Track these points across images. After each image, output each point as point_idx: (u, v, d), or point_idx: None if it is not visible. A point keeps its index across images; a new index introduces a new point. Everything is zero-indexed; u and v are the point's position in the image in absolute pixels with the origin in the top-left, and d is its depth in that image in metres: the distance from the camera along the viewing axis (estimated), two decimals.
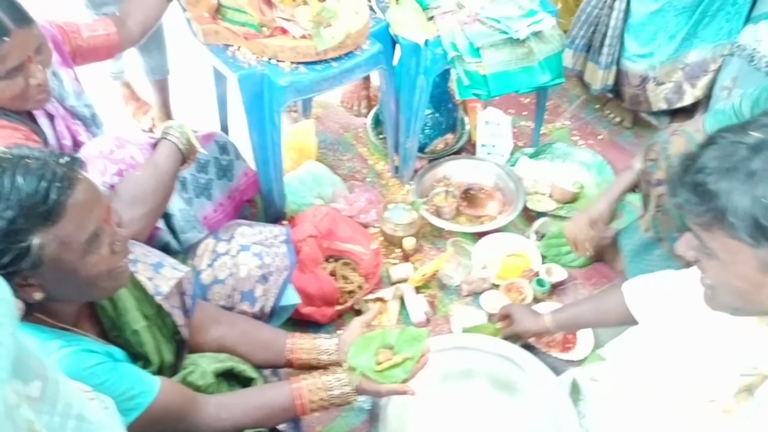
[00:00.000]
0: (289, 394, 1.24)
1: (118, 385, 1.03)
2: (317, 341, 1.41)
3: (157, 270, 1.23)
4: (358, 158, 2.44)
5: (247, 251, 1.59)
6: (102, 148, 1.41)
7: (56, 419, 0.64)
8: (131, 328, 1.15)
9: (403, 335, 1.33)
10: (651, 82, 2.37)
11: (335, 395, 1.27)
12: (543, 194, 2.23)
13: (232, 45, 1.80)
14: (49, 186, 0.90)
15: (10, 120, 1.34)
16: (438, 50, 1.95)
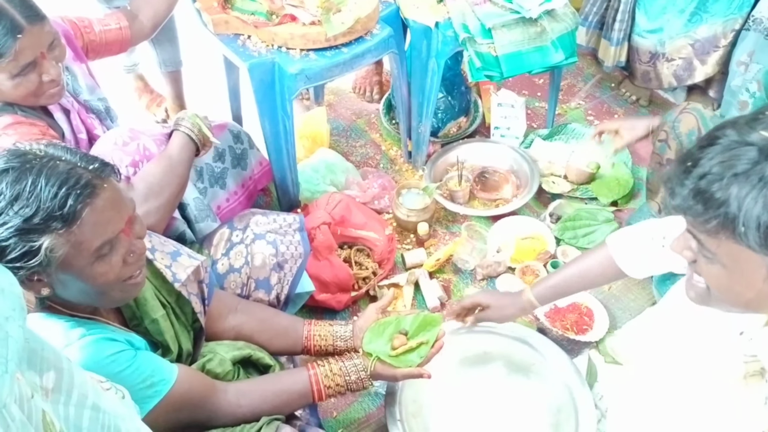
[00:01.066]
0: (306, 381, 1.27)
1: (138, 373, 1.05)
2: (334, 328, 1.43)
3: (174, 258, 1.25)
4: (370, 144, 2.44)
5: (261, 240, 1.60)
6: (116, 139, 1.43)
7: (71, 410, 0.65)
8: (150, 317, 1.17)
9: (418, 320, 1.34)
10: (661, 59, 2.34)
11: (351, 380, 1.29)
12: (558, 176, 2.21)
13: (242, 34, 1.80)
14: (69, 192, 0.91)
15: (27, 116, 1.36)
16: (449, 32, 1.93)
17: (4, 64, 1.25)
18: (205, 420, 1.17)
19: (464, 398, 1.62)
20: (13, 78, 1.29)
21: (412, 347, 1.31)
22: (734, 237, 0.79)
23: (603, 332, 1.76)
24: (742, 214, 0.77)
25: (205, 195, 1.71)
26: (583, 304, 1.83)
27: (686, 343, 1.14)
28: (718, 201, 0.78)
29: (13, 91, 1.31)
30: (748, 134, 0.79)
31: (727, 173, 0.78)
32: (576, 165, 2.17)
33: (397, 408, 1.52)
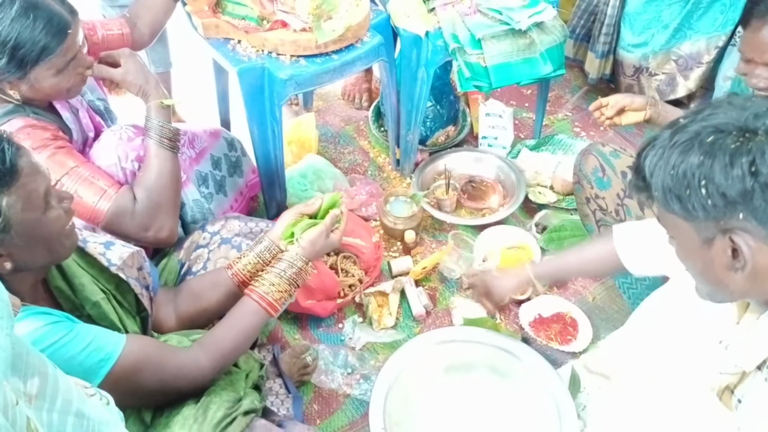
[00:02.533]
0: (253, 303, 1.27)
1: (78, 340, 1.03)
2: (253, 251, 1.40)
3: (107, 247, 1.25)
4: (359, 151, 2.44)
5: (227, 244, 1.57)
6: (121, 135, 1.44)
7: (55, 416, 0.64)
8: (91, 301, 1.16)
9: (324, 205, 1.45)
10: (644, 73, 2.38)
11: (290, 276, 1.31)
12: (544, 186, 2.23)
13: (232, 39, 1.79)
14: (2, 146, 0.95)
15: (39, 118, 1.36)
16: (439, 42, 1.94)
17: (52, 61, 1.27)
18: (172, 380, 1.13)
19: (448, 407, 1.62)
20: (57, 74, 1.30)
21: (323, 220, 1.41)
22: (660, 206, 0.88)
23: (587, 343, 1.78)
24: (653, 181, 0.86)
25: (211, 201, 1.70)
26: (567, 315, 1.84)
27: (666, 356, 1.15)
28: (642, 173, 0.88)
29: (54, 87, 1.32)
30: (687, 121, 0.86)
31: (649, 149, 0.87)
32: (562, 176, 2.19)
33: (381, 416, 1.52)
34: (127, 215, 1.37)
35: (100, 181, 1.36)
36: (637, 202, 1.63)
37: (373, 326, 1.84)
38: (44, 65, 1.27)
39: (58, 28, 1.26)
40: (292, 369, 1.62)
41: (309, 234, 1.37)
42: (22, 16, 1.22)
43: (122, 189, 1.38)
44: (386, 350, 1.78)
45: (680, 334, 1.13)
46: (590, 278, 1.79)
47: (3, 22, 1.22)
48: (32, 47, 1.24)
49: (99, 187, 1.35)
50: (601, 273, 1.53)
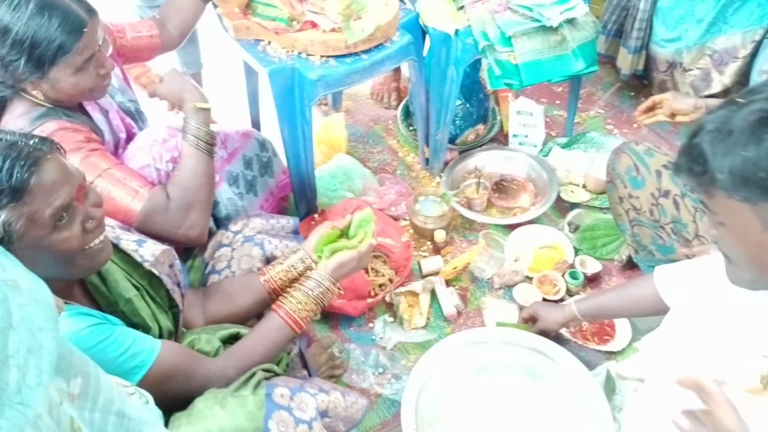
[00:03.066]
0: (279, 320, 1.31)
1: (118, 343, 1.05)
2: (287, 261, 1.44)
3: (139, 244, 1.26)
4: (388, 150, 2.44)
5: (250, 242, 1.58)
6: (156, 136, 1.46)
7: (96, 415, 0.65)
8: (124, 297, 1.18)
9: (354, 221, 1.47)
10: (678, 68, 2.33)
11: (317, 294, 1.35)
12: (577, 185, 2.19)
13: (262, 40, 1.81)
14: (13, 164, 0.93)
15: (71, 120, 1.38)
16: (468, 40, 1.93)
17: (70, 60, 1.28)
18: (199, 389, 1.17)
19: (480, 408, 1.60)
20: (76, 73, 1.30)
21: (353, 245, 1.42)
22: (720, 190, 0.86)
23: (626, 342, 1.74)
24: (717, 165, 0.84)
25: (242, 200, 1.72)
26: None
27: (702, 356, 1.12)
28: (702, 154, 0.86)
29: (74, 87, 1.33)
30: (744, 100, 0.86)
31: (712, 129, 0.86)
32: (595, 174, 2.15)
33: (413, 416, 1.52)
34: (160, 213, 1.38)
35: (133, 182, 1.38)
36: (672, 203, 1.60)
37: (403, 326, 1.84)
38: (62, 64, 1.28)
39: (73, 27, 1.25)
40: (320, 361, 1.64)
41: (340, 256, 1.39)
42: (37, 15, 1.23)
43: (155, 189, 1.40)
44: (417, 350, 1.78)
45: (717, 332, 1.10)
46: (632, 317, 1.77)
47: (19, 22, 1.23)
48: (48, 46, 1.24)
49: (131, 188, 1.37)
50: (643, 313, 1.52)
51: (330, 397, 1.23)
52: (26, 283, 0.57)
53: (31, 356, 0.55)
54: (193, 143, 1.45)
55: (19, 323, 0.54)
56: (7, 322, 0.53)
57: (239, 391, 1.13)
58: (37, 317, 0.57)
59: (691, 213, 1.59)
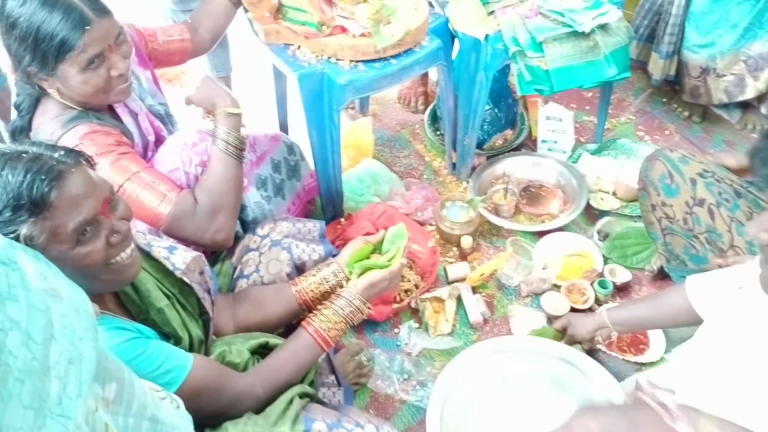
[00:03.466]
0: (308, 337, 1.31)
1: (152, 359, 1.05)
2: (320, 273, 1.45)
3: (170, 251, 1.26)
4: (414, 155, 2.43)
5: (277, 246, 1.58)
6: (185, 140, 1.46)
7: (130, 420, 0.65)
8: (155, 307, 1.17)
9: (387, 237, 1.47)
10: (711, 74, 2.29)
11: (347, 313, 1.35)
12: (606, 192, 2.16)
13: (292, 44, 1.81)
14: (34, 178, 0.92)
15: (102, 123, 1.39)
16: (498, 45, 1.91)
17: (74, 57, 1.27)
18: (229, 406, 1.17)
19: (506, 418, 1.59)
20: (83, 71, 1.30)
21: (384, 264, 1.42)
22: None
23: (661, 352, 1.71)
24: None
25: (269, 203, 1.73)
26: None
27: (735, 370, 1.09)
28: None
29: (83, 87, 1.32)
30: None
31: None
32: (625, 181, 2.12)
33: (438, 424, 1.50)
34: (188, 217, 1.39)
35: (162, 186, 1.38)
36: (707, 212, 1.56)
37: (429, 332, 1.83)
38: (67, 61, 1.27)
39: (75, 23, 1.25)
40: (347, 368, 1.64)
41: (372, 276, 1.39)
42: (40, 10, 1.24)
43: (182, 192, 1.40)
44: (443, 357, 1.77)
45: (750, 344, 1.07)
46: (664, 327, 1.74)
47: (24, 16, 1.24)
48: (51, 41, 1.24)
49: (160, 192, 1.37)
50: (675, 323, 1.50)
51: None
52: (67, 291, 0.57)
53: (72, 367, 0.55)
54: (223, 148, 1.45)
55: (60, 333, 0.54)
56: (49, 333, 0.53)
57: (278, 426, 1.13)
58: (77, 327, 0.57)
59: (727, 223, 1.55)
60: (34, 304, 0.52)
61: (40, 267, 0.56)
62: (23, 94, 1.38)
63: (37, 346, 0.51)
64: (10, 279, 0.51)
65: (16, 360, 0.49)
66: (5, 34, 1.28)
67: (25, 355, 0.50)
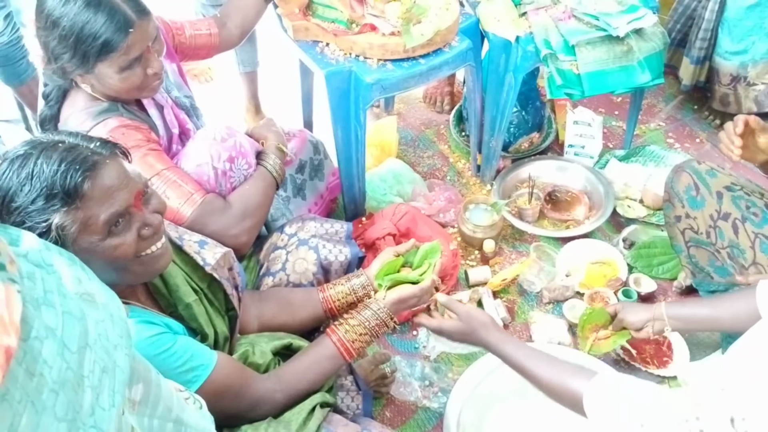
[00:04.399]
0: (332, 345, 1.29)
1: (177, 356, 1.06)
2: (351, 281, 1.44)
3: (201, 246, 1.27)
4: (438, 156, 2.41)
5: (304, 246, 1.58)
6: (215, 135, 1.47)
7: (155, 422, 0.65)
8: (184, 302, 1.18)
9: (421, 252, 1.44)
10: (742, 82, 2.24)
11: (372, 326, 1.32)
12: (634, 200, 2.12)
13: (321, 41, 1.80)
14: (69, 167, 0.93)
15: (131, 117, 1.40)
16: (529, 47, 1.88)
17: (115, 58, 1.28)
18: (248, 409, 1.17)
19: (523, 426, 1.56)
20: (121, 72, 1.31)
21: (415, 279, 1.39)
22: None
23: (685, 364, 1.67)
24: None
25: (288, 203, 1.73)
26: None
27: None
28: None
29: (119, 84, 1.33)
30: None
31: None
32: (654, 189, 2.08)
33: (455, 430, 1.49)
34: (215, 215, 1.40)
35: (188, 186, 1.39)
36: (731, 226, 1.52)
37: None
38: (107, 62, 1.28)
39: (119, 25, 1.25)
40: (369, 376, 1.62)
41: (401, 291, 1.36)
42: (84, 11, 1.24)
43: (210, 195, 1.42)
44: (461, 362, 1.75)
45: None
46: (723, 331, 1.67)
47: (67, 16, 1.24)
48: (93, 42, 1.25)
49: (186, 191, 1.38)
50: (734, 328, 1.40)
51: None
52: (102, 297, 0.56)
53: (106, 376, 0.54)
54: (270, 169, 1.52)
55: (95, 342, 0.53)
56: (84, 341, 0.52)
57: None
58: (112, 334, 0.56)
59: (750, 239, 1.51)
60: (70, 311, 0.51)
61: (76, 271, 0.54)
62: (52, 84, 1.39)
63: (72, 355, 0.50)
64: (45, 284, 0.50)
65: (51, 370, 0.48)
66: (44, 30, 1.28)
67: (60, 365, 0.49)
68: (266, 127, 1.61)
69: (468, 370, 1.61)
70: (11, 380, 0.43)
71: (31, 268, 0.49)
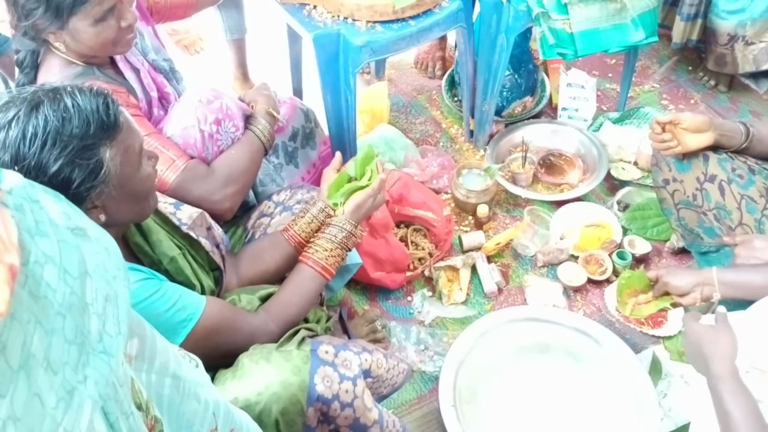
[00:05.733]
0: (309, 269, 1.32)
1: (166, 298, 1.07)
2: (308, 214, 1.43)
3: (176, 207, 1.27)
4: (431, 121, 2.38)
5: (288, 211, 1.57)
6: (200, 97, 1.45)
7: (153, 377, 0.64)
8: (168, 256, 1.19)
9: (358, 162, 1.45)
10: (740, 42, 2.19)
11: (341, 239, 1.35)
12: (628, 162, 2.11)
13: (308, 4, 1.76)
14: (105, 101, 0.97)
15: (108, 80, 1.37)
16: (521, 7, 1.84)
17: (89, 9, 1.26)
18: (245, 343, 1.18)
19: (520, 388, 1.57)
20: (95, 24, 1.28)
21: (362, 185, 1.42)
22: None
23: (680, 325, 1.68)
24: None
25: (281, 170, 1.70)
26: None
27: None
28: None
29: (94, 39, 1.30)
30: None
31: None
32: (647, 151, 2.05)
33: (451, 392, 1.49)
34: (197, 180, 1.39)
35: (170, 152, 1.37)
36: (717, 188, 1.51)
37: (442, 301, 1.81)
38: (81, 14, 1.25)
39: None
40: (361, 332, 1.65)
41: (356, 198, 1.39)
42: None
43: (193, 161, 1.40)
44: (456, 326, 1.75)
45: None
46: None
47: None
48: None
49: (168, 157, 1.36)
50: None
51: (373, 357, 1.23)
52: (93, 231, 0.55)
53: (109, 304, 0.53)
54: (259, 135, 1.49)
55: (94, 271, 0.52)
56: (83, 269, 0.51)
57: (284, 346, 1.14)
58: (110, 266, 0.55)
59: (737, 200, 1.50)
60: (65, 239, 0.50)
61: (63, 206, 0.53)
62: (24, 50, 1.36)
63: (74, 280, 0.50)
64: (36, 215, 0.49)
65: (55, 293, 0.47)
66: None
67: (63, 289, 0.48)
68: (258, 91, 1.58)
69: (463, 333, 1.61)
70: (17, 302, 0.43)
71: (19, 200, 0.48)
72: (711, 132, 1.51)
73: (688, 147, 1.53)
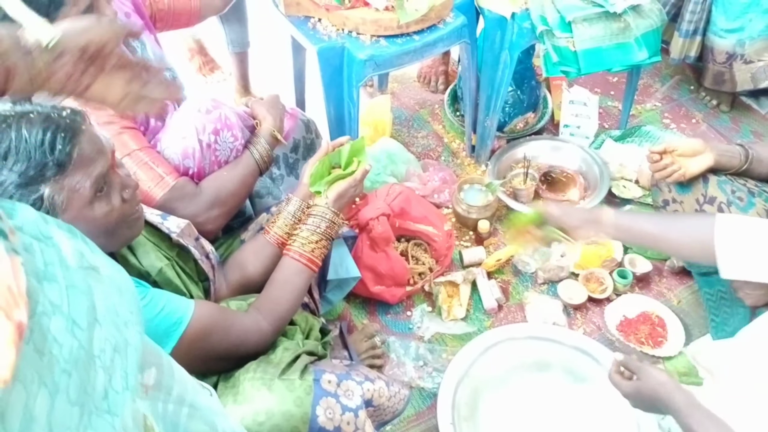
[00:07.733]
0: (294, 261, 1.30)
1: (153, 304, 1.05)
2: (284, 213, 1.41)
3: (164, 218, 1.26)
4: (433, 136, 2.38)
5: None
6: (200, 107, 1.44)
7: (170, 407, 0.61)
8: (156, 267, 1.17)
9: (346, 150, 1.43)
10: (738, 60, 2.20)
11: (324, 229, 1.34)
12: (629, 180, 2.10)
13: (313, 17, 1.76)
14: (54, 136, 0.91)
15: None
16: (525, 24, 1.85)
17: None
18: (238, 343, 1.16)
19: (519, 406, 1.56)
20: None
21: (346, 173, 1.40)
22: None
23: (680, 345, 1.67)
24: None
25: (282, 182, 1.69)
26: (654, 314, 1.75)
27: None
28: None
29: None
30: None
31: None
32: (648, 170, 2.06)
33: (450, 410, 1.48)
34: (184, 201, 1.37)
35: (159, 168, 1.36)
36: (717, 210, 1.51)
37: (442, 316, 1.80)
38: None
39: None
40: (360, 348, 1.63)
41: (337, 187, 1.38)
42: None
43: (181, 179, 1.38)
44: (456, 342, 1.74)
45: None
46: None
47: None
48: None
49: (157, 174, 1.35)
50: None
51: (375, 386, 1.21)
52: (107, 270, 0.52)
53: (118, 356, 0.50)
54: (257, 157, 1.47)
55: (104, 317, 0.49)
56: (93, 317, 0.47)
57: (286, 374, 1.13)
58: (122, 310, 0.52)
59: None
60: (74, 284, 0.47)
61: (77, 243, 0.50)
62: None
63: (82, 332, 0.46)
64: (45, 256, 0.45)
65: (61, 348, 0.44)
66: None
67: (71, 343, 0.45)
68: (268, 105, 1.56)
69: (462, 350, 1.60)
70: (21, 360, 0.39)
71: (29, 240, 0.45)
72: (709, 152, 1.51)
73: (691, 172, 1.51)
